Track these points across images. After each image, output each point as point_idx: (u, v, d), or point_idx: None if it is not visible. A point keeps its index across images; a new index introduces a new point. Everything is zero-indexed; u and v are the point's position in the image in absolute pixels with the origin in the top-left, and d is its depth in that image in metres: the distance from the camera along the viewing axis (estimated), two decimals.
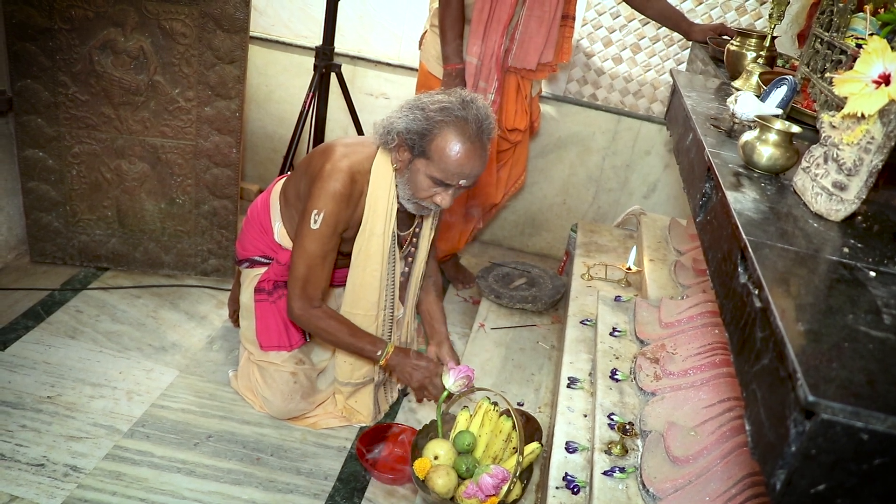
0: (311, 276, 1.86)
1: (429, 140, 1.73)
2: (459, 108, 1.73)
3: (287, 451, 2.01)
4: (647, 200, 3.24)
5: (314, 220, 1.81)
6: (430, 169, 1.75)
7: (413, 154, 1.77)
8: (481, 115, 1.75)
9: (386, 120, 1.81)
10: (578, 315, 2.33)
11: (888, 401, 0.65)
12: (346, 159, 1.83)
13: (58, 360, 2.18)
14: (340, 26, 2.94)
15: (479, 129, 1.74)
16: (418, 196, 1.81)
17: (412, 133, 1.74)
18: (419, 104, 1.76)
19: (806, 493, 0.68)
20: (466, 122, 1.72)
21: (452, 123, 1.71)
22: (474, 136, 1.73)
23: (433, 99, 1.77)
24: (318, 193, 1.80)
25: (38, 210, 2.55)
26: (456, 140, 1.71)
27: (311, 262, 1.85)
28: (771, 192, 1.15)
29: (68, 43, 2.33)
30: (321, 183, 1.80)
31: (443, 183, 1.76)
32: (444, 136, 1.72)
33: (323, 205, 1.80)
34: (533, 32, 2.43)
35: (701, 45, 2.47)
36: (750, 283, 0.90)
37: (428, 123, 1.72)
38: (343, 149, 1.86)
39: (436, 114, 1.72)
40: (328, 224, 1.82)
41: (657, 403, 1.72)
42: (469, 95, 1.79)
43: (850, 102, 0.98)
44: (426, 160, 1.75)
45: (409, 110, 1.76)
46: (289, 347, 2.08)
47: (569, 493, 1.60)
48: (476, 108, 1.75)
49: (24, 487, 1.75)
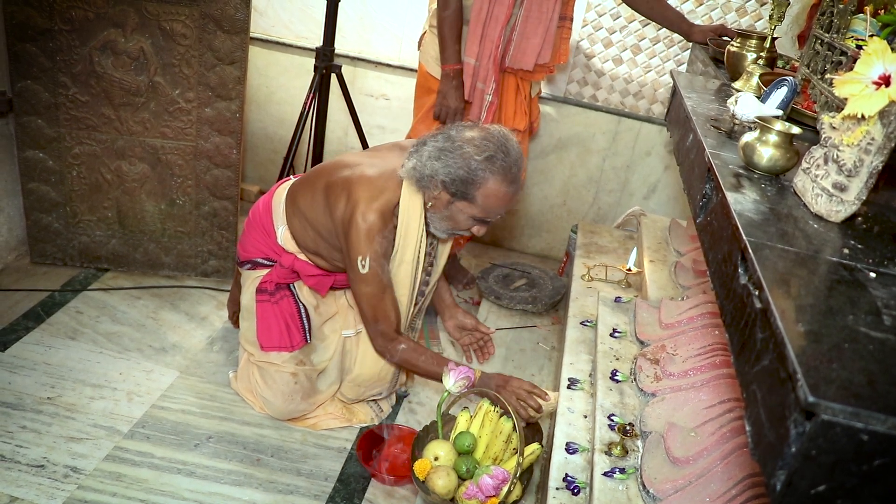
0: (378, 314, 1.91)
1: (474, 188, 1.77)
2: (502, 156, 1.77)
3: (287, 452, 2.01)
4: (647, 201, 3.24)
5: (362, 266, 1.85)
6: (472, 210, 1.81)
7: (454, 197, 1.81)
8: (518, 155, 1.81)
9: (421, 165, 1.81)
10: (579, 316, 2.33)
11: (888, 401, 0.65)
12: (375, 202, 1.84)
13: (58, 361, 2.18)
14: (341, 27, 2.94)
15: (519, 169, 1.80)
16: (456, 230, 1.89)
17: (456, 181, 1.77)
18: (457, 148, 1.78)
19: (806, 493, 0.68)
20: (510, 169, 1.77)
21: (499, 172, 1.76)
22: (516, 178, 1.79)
23: (469, 141, 1.78)
24: (356, 240, 1.84)
25: (38, 211, 2.55)
26: (503, 187, 1.78)
27: (374, 302, 1.90)
28: (771, 193, 1.15)
29: (68, 44, 2.33)
30: (357, 233, 1.83)
31: (484, 221, 1.84)
32: (491, 185, 1.77)
33: (366, 249, 1.84)
34: (530, 33, 2.43)
35: (701, 47, 2.47)
36: (750, 283, 0.90)
37: (473, 174, 1.76)
38: (368, 191, 1.86)
39: (481, 163, 1.75)
40: (376, 262, 1.86)
41: (657, 404, 1.72)
42: (502, 134, 1.81)
43: (851, 104, 0.98)
44: (468, 203, 1.80)
45: (448, 156, 1.78)
46: (290, 348, 2.08)
47: (569, 493, 1.60)
48: (514, 150, 1.80)
49: (25, 488, 1.75)
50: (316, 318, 2.15)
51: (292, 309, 2.09)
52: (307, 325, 2.11)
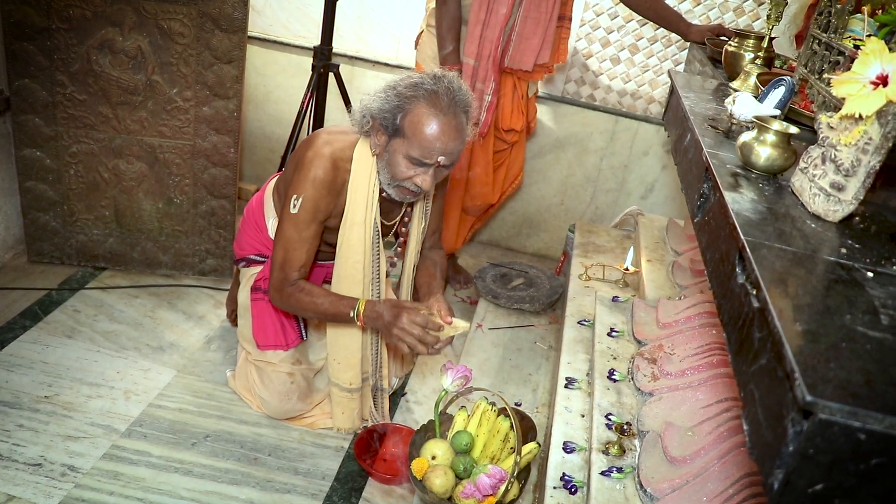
0: (287, 258, 1.83)
1: (402, 117, 1.70)
2: (430, 83, 1.70)
3: (284, 451, 2.01)
4: (644, 201, 3.25)
5: (293, 205, 1.80)
6: (406, 148, 1.71)
7: (389, 135, 1.74)
8: (454, 87, 1.72)
9: (361, 104, 1.79)
10: (576, 315, 2.33)
11: (886, 401, 0.65)
12: (329, 146, 1.82)
13: (55, 360, 2.17)
14: (338, 26, 2.93)
15: (453, 101, 1.70)
16: (398, 178, 1.77)
17: (385, 112, 1.72)
18: (391, 84, 1.75)
19: (804, 493, 0.68)
20: (437, 94, 1.69)
21: (423, 97, 1.69)
22: (447, 108, 1.69)
23: (404, 78, 1.76)
24: (299, 179, 1.80)
25: (35, 210, 2.55)
26: (428, 113, 1.68)
27: (289, 246, 1.83)
28: (769, 193, 1.15)
29: (66, 42, 2.32)
30: (303, 169, 1.80)
31: (421, 162, 1.72)
32: (416, 111, 1.69)
33: (303, 190, 1.79)
34: (529, 34, 2.43)
35: (699, 46, 2.47)
36: (748, 283, 0.90)
37: (399, 100, 1.70)
38: (326, 136, 1.85)
39: (406, 90, 1.70)
40: (307, 210, 1.80)
41: (655, 404, 1.72)
42: (440, 72, 1.76)
43: (848, 103, 0.98)
44: (402, 139, 1.72)
45: (382, 91, 1.75)
46: (285, 346, 2.08)
47: (566, 493, 1.60)
48: (447, 80, 1.72)
49: (22, 487, 1.74)
50: None
51: None
52: (302, 321, 2.11)
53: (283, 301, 1.88)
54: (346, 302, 1.84)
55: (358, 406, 2.10)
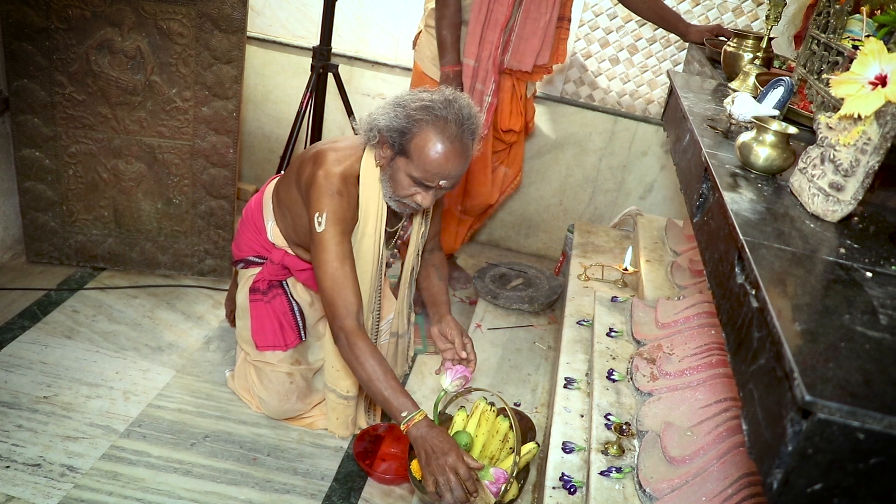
0: (335, 302, 1.74)
1: (408, 139, 1.69)
2: (441, 108, 1.69)
3: (284, 452, 2.01)
4: (643, 201, 3.25)
5: (318, 223, 1.77)
6: (409, 168, 1.71)
7: (394, 152, 1.74)
8: (463, 115, 1.71)
9: (370, 116, 1.78)
10: (575, 315, 2.34)
11: (885, 400, 0.65)
12: (339, 165, 1.81)
13: (54, 360, 2.17)
14: (338, 27, 2.94)
15: (461, 130, 1.70)
16: (399, 194, 1.77)
17: (393, 131, 1.71)
18: (401, 101, 1.74)
19: (803, 492, 0.68)
20: (447, 121, 1.68)
21: (432, 123, 1.68)
22: (455, 136, 1.69)
23: (416, 97, 1.74)
24: (316, 197, 1.78)
25: (34, 210, 2.54)
26: (436, 140, 1.67)
27: (332, 272, 1.76)
28: (768, 193, 1.16)
29: (65, 42, 2.32)
30: (318, 188, 1.78)
31: (422, 183, 1.72)
32: (423, 136, 1.68)
33: (324, 206, 1.77)
34: (529, 34, 2.43)
35: (698, 47, 2.48)
36: (747, 283, 0.90)
37: (408, 122, 1.69)
38: (334, 154, 1.84)
39: (416, 112, 1.69)
40: (333, 222, 1.77)
41: (654, 404, 1.72)
42: (452, 94, 1.75)
43: (847, 104, 0.98)
44: (406, 159, 1.71)
45: (391, 107, 1.73)
46: (284, 347, 2.08)
47: (565, 493, 1.60)
48: (458, 107, 1.71)
49: (21, 487, 1.74)
50: (311, 315, 2.15)
51: (285, 307, 2.08)
52: (301, 322, 2.11)
53: (344, 351, 1.76)
54: (403, 402, 1.67)
55: (353, 413, 2.09)
